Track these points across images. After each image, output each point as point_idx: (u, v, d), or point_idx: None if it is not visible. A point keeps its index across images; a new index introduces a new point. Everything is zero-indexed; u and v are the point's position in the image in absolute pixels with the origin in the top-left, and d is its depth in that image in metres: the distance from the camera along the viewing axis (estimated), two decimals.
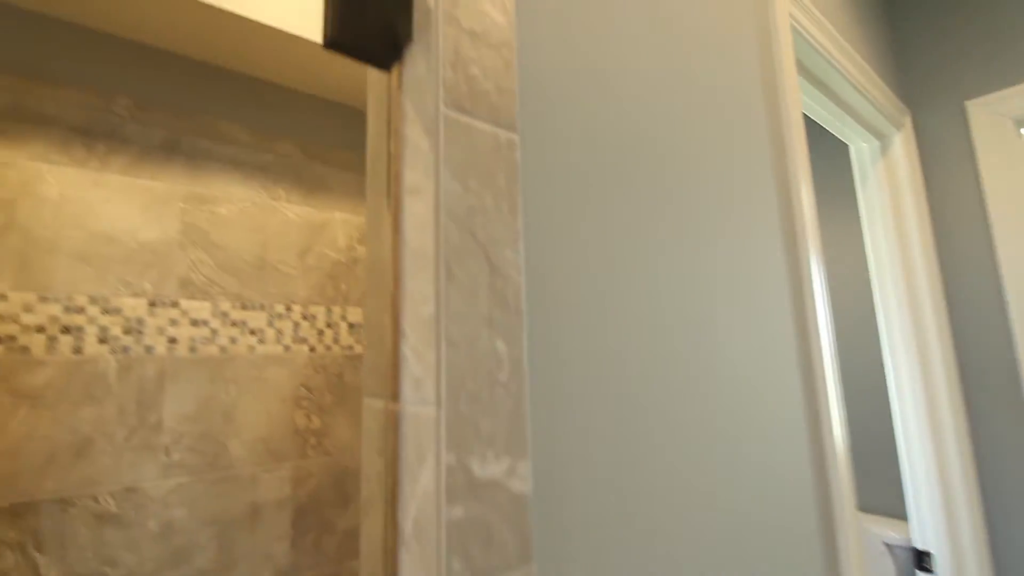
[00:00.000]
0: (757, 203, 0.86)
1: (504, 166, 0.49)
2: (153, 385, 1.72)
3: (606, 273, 0.57)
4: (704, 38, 0.82)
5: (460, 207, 0.45)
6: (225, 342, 1.86)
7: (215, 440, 1.84)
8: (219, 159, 1.90)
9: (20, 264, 1.54)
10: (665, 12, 0.75)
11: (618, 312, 0.58)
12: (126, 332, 1.68)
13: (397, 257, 0.48)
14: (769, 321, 0.83)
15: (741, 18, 0.94)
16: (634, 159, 0.64)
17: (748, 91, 0.91)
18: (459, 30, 0.48)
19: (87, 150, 1.65)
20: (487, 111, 0.49)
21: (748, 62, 0.93)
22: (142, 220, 1.73)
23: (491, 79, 0.50)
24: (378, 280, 0.50)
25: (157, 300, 1.74)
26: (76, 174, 1.62)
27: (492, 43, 0.50)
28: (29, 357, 1.53)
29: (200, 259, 1.83)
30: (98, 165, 1.66)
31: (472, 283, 0.45)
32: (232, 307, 1.89)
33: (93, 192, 1.65)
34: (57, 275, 1.58)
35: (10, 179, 1.54)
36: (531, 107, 0.54)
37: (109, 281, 1.66)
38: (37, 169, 1.57)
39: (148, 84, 1.75)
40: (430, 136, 0.46)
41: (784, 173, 0.98)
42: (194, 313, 1.80)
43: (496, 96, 0.50)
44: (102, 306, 1.65)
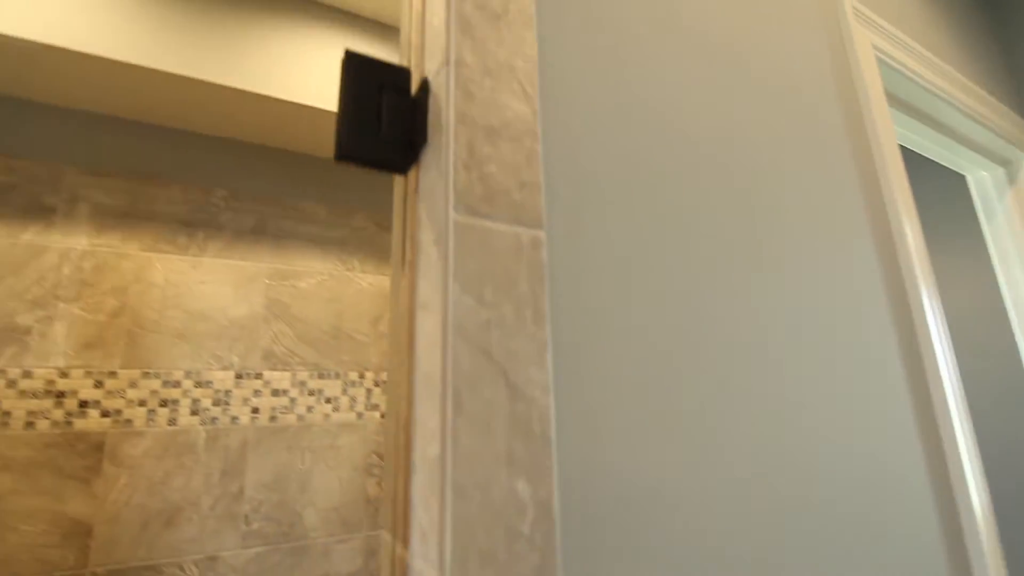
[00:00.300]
0: (846, 248, 0.73)
1: (527, 269, 0.44)
2: (236, 454, 1.80)
3: (660, 379, 0.49)
4: (770, 84, 0.74)
5: (472, 323, 0.40)
6: (302, 411, 1.93)
7: (291, 509, 1.87)
8: (300, 237, 2.04)
9: (129, 343, 1.71)
10: (724, 63, 0.68)
11: (678, 429, 0.48)
12: (215, 404, 1.79)
13: (410, 380, 0.43)
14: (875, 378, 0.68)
15: (814, 55, 0.84)
16: (691, 233, 0.56)
17: (826, 132, 0.80)
18: (473, 128, 0.44)
19: (189, 238, 1.83)
20: (507, 210, 0.44)
21: (824, 101, 0.83)
22: (233, 298, 1.88)
23: (511, 174, 0.45)
24: (394, 403, 0.45)
25: (243, 372, 1.84)
26: (179, 260, 1.81)
27: (513, 135, 0.46)
28: (131, 429, 1.67)
29: (282, 331, 1.94)
30: (197, 251, 1.84)
31: (486, 413, 0.38)
32: (310, 376, 1.96)
33: (192, 275, 1.83)
34: (159, 352, 1.74)
35: (125, 268, 1.74)
36: (562, 197, 0.49)
37: (202, 356, 1.80)
38: (147, 258, 1.77)
39: (240, 175, 1.94)
40: (439, 245, 0.42)
41: (881, 209, 0.84)
42: (275, 383, 1.89)
43: (518, 192, 0.45)
44: (195, 379, 1.77)
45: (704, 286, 0.55)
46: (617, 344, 0.47)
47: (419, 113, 0.48)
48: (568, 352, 0.45)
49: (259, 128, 1.89)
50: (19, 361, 1.57)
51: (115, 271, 1.72)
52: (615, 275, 0.49)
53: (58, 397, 1.60)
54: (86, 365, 1.64)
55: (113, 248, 1.73)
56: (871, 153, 0.89)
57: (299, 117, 1.83)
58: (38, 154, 1.67)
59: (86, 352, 1.65)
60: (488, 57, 0.47)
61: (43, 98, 1.68)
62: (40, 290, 1.63)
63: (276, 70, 1.71)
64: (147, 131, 1.82)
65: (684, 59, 0.64)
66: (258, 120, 1.83)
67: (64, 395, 1.60)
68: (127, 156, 1.78)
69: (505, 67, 0.48)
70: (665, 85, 0.60)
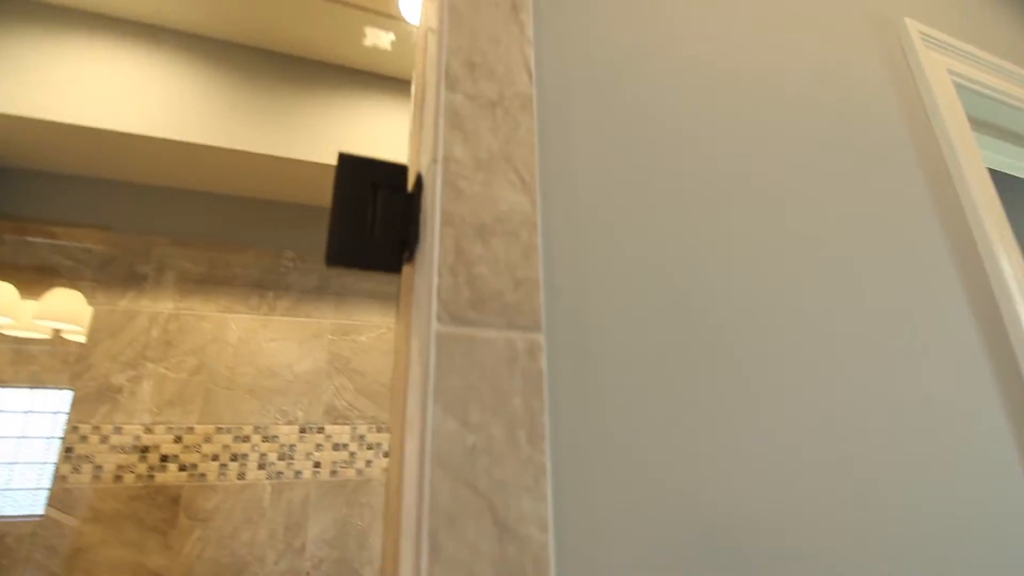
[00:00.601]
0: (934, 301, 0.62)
1: (522, 380, 0.39)
2: (299, 509, 1.84)
3: (686, 511, 0.41)
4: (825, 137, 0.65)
5: (454, 450, 0.36)
6: (361, 465, 1.94)
7: (350, 567, 1.86)
8: (360, 293, 2.12)
9: (205, 400, 1.82)
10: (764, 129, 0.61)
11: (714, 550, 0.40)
12: (280, 458, 1.85)
13: (396, 511, 0.39)
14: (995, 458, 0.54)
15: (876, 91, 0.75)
16: (724, 332, 0.49)
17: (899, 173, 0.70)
18: (462, 227, 0.41)
19: (260, 299, 1.96)
20: (499, 314, 0.40)
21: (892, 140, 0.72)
22: (298, 354, 1.96)
23: (505, 273, 0.41)
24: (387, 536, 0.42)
25: (306, 426, 1.90)
26: (251, 320, 1.93)
27: (508, 230, 0.43)
28: (205, 483, 1.75)
29: (343, 385, 1.99)
30: (267, 310, 1.96)
31: (469, 558, 0.34)
32: (368, 430, 1.99)
33: (262, 333, 1.94)
34: (231, 408, 1.84)
35: (204, 329, 1.87)
36: (565, 294, 0.44)
37: (270, 411, 1.88)
38: (224, 319, 1.90)
39: (306, 237, 2.06)
40: (421, 360, 0.38)
41: (971, 246, 0.71)
42: (336, 437, 1.93)
43: (512, 292, 0.41)
44: (263, 434, 1.85)
45: (741, 396, 0.47)
46: (633, 468, 0.41)
47: (413, 210, 0.46)
48: (572, 479, 0.39)
49: (322, 192, 2.01)
50: (111, 418, 1.71)
51: (195, 332, 1.86)
52: (630, 384, 0.43)
53: (143, 452, 1.72)
54: (167, 421, 1.77)
55: (194, 310, 1.88)
56: (955, 186, 0.77)
57: None
58: (133, 228, 1.87)
59: (168, 409, 1.78)
60: (481, 148, 0.44)
61: (138, 179, 1.90)
62: (132, 351, 1.79)
63: (334, 138, 1.83)
64: (225, 202, 2.00)
65: (717, 126, 0.58)
66: (321, 185, 1.95)
67: (148, 450, 1.73)
68: (207, 226, 1.95)
69: (500, 157, 0.45)
70: (697, 158, 0.55)
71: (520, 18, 0.51)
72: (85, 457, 1.66)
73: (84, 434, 1.68)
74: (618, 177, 0.49)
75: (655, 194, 0.50)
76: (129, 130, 1.61)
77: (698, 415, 0.44)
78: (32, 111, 1.55)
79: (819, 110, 0.67)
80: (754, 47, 0.66)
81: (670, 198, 0.51)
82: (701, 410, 0.45)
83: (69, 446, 1.66)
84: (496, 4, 0.50)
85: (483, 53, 0.48)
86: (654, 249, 0.48)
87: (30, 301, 1.86)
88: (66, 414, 1.70)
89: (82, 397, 1.71)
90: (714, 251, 0.51)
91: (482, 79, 0.47)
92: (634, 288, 0.46)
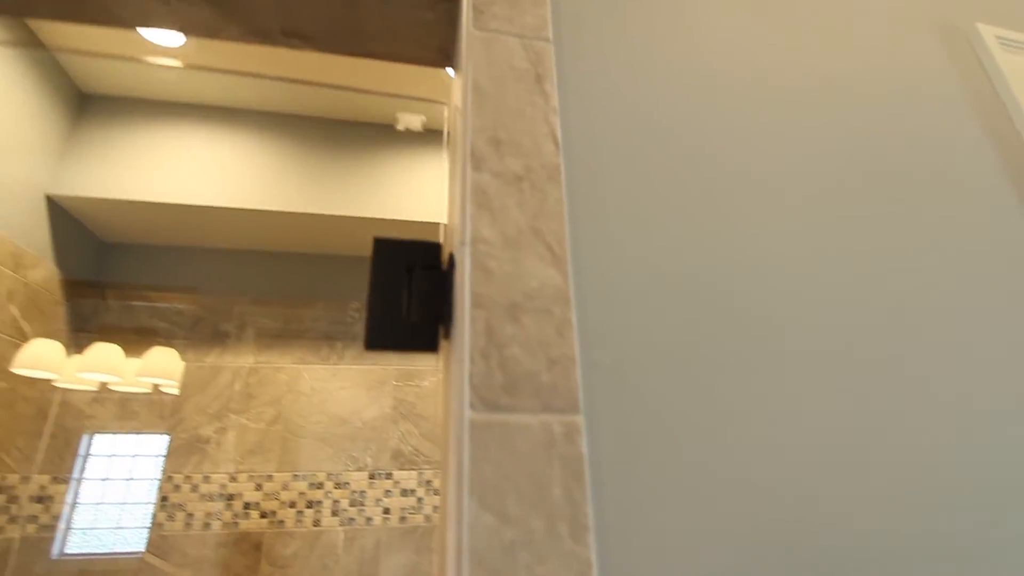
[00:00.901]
0: None
1: (561, 468, 0.38)
2: (371, 555, 1.86)
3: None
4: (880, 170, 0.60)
5: (492, 547, 0.34)
6: (429, 510, 1.95)
7: None
8: None
9: (282, 448, 1.91)
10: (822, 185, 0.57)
11: None
12: (352, 504, 1.90)
13: None
14: None
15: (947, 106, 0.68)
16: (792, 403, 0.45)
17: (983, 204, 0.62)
18: (492, 308, 0.41)
19: (330, 349, 2.06)
20: (533, 397, 0.39)
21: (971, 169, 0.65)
22: (366, 401, 2.03)
23: (539, 352, 0.40)
24: None
25: (375, 473, 1.95)
26: (322, 370, 2.03)
27: (540, 306, 0.42)
28: (283, 529, 1.83)
29: (408, 431, 2.03)
30: (336, 360, 2.05)
31: None
32: (434, 475, 2.00)
33: (332, 382, 2.02)
34: (305, 455, 1.92)
35: (280, 380, 1.99)
36: (604, 369, 0.42)
37: (341, 458, 1.94)
38: (297, 370, 2.01)
39: None
40: (456, 450, 0.38)
41: None
42: (404, 483, 1.96)
43: (547, 372, 0.40)
44: (335, 481, 1.91)
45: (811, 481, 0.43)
46: (689, 561, 0.37)
47: (447, 288, 0.47)
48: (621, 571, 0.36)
49: None
50: (200, 467, 1.84)
51: (273, 383, 1.98)
52: (682, 464, 0.40)
53: (229, 500, 1.82)
54: (249, 469, 1.87)
55: (272, 363, 2.00)
56: None
57: (416, 231, 2.00)
58: (217, 290, 2.04)
59: (250, 457, 1.88)
60: (509, 225, 0.44)
61: (221, 244, 2.08)
62: (218, 404, 1.93)
63: (389, 193, 1.92)
64: (295, 260, 2.14)
65: (768, 181, 0.55)
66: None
67: (233, 498, 1.83)
68: (281, 283, 2.09)
69: (528, 232, 0.44)
70: (742, 217, 0.52)
71: (544, 88, 0.51)
72: (178, 505, 1.78)
73: (177, 483, 1.81)
74: (656, 243, 0.48)
75: (696, 258, 0.48)
76: (211, 203, 1.78)
77: (760, 496, 0.40)
78: (131, 194, 1.75)
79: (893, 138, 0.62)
80: (808, 93, 0.62)
81: (711, 261, 0.48)
82: (763, 488, 0.41)
83: (164, 495, 1.79)
84: (519, 78, 0.51)
85: (508, 128, 0.48)
86: (698, 317, 0.46)
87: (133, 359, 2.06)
88: (163, 457, 1.84)
89: (175, 448, 1.85)
90: (766, 320, 0.48)
91: (508, 155, 0.47)
92: (678, 360, 0.44)
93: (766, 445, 0.42)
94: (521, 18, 0.54)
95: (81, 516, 1.78)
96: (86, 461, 1.85)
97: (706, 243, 0.49)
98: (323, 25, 0.62)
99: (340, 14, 0.61)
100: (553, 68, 0.52)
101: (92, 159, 1.78)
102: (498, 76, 0.50)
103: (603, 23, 0.58)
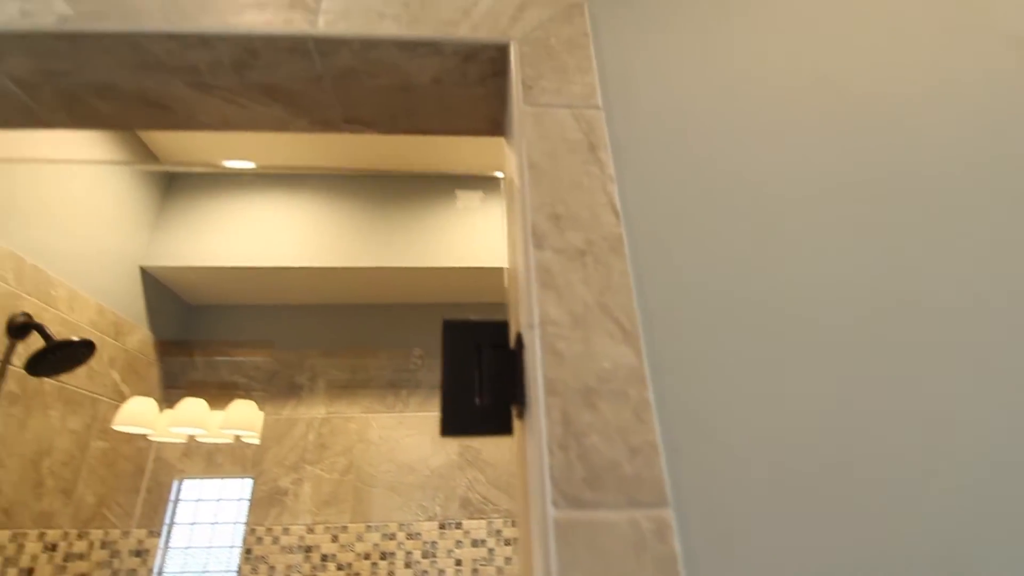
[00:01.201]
0: None
1: (654, 569, 0.35)
2: None
3: None
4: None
5: None
6: (501, 562, 1.90)
7: None
8: None
9: (355, 498, 1.95)
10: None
11: None
12: (424, 556, 1.89)
13: None
14: None
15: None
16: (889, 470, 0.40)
17: None
18: (566, 394, 0.40)
19: (395, 397, 2.10)
20: (618, 490, 0.37)
21: None
22: (431, 449, 2.04)
23: (618, 440, 0.39)
24: None
25: (445, 522, 1.93)
26: (388, 418, 2.06)
27: (615, 389, 0.40)
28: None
29: (475, 478, 2.01)
30: (401, 407, 2.08)
31: None
32: (504, 524, 1.96)
33: (399, 430, 2.05)
34: (377, 506, 1.94)
35: (350, 430, 2.04)
36: (690, 456, 0.40)
37: (411, 507, 1.95)
38: (366, 419, 2.06)
39: (430, 334, 2.20)
40: (542, 551, 0.36)
41: None
42: (474, 533, 1.93)
43: (629, 463, 0.38)
44: (407, 531, 1.91)
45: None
46: None
47: (515, 368, 0.46)
48: None
49: (440, 291, 2.15)
50: (280, 519, 1.90)
51: (344, 433, 2.04)
52: (785, 555, 0.36)
53: (307, 552, 1.86)
54: (325, 521, 1.91)
55: (341, 413, 2.06)
56: None
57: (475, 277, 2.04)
58: (290, 345, 2.15)
59: (325, 508, 1.93)
60: (575, 303, 0.43)
61: (292, 300, 2.20)
62: (294, 456, 2.00)
63: (449, 243, 1.97)
64: (359, 311, 2.22)
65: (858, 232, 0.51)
66: (438, 285, 2.10)
67: (311, 550, 1.87)
68: (347, 334, 2.17)
69: (596, 308, 0.43)
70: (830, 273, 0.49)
71: (599, 157, 0.51)
72: (261, 558, 1.84)
73: (260, 535, 1.88)
74: (735, 310, 0.45)
75: (782, 325, 0.45)
76: (281, 264, 1.89)
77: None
78: (213, 261, 1.90)
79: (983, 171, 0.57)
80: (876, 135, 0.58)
81: (798, 325, 0.45)
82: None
83: (248, 547, 1.86)
84: (573, 149, 0.51)
85: (566, 203, 0.48)
86: (789, 391, 0.42)
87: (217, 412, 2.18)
88: (248, 500, 1.92)
89: (257, 500, 1.93)
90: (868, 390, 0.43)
91: (568, 229, 0.47)
92: (772, 440, 0.40)
93: (892, 541, 0.38)
94: (569, 88, 0.55)
95: (172, 561, 1.87)
96: (176, 507, 1.96)
97: (789, 309, 0.46)
98: (381, 111, 0.66)
99: (396, 99, 0.64)
100: (606, 135, 0.52)
101: (178, 231, 1.95)
102: (552, 150, 0.51)
103: (651, 82, 0.57)
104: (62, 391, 1.55)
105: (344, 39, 0.56)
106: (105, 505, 1.73)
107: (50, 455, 1.51)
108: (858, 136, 0.56)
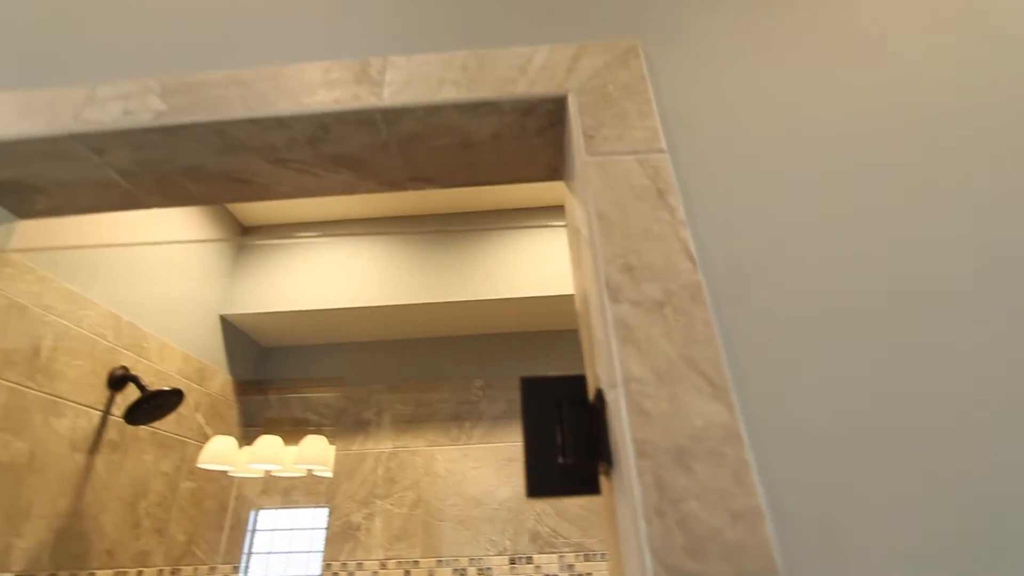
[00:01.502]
0: None
1: None
2: None
3: None
4: None
5: None
6: None
7: None
8: None
9: (425, 533, 1.96)
10: None
11: None
12: None
13: None
14: None
15: None
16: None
17: None
18: (657, 456, 0.38)
19: (459, 429, 2.11)
20: (722, 559, 0.35)
21: None
22: (497, 480, 2.03)
23: (718, 505, 0.37)
24: None
25: (515, 557, 1.90)
26: (453, 450, 2.08)
27: (709, 449, 0.39)
28: None
29: (543, 510, 1.98)
30: (465, 440, 2.09)
31: None
32: (576, 558, 1.91)
33: (464, 462, 2.06)
34: (446, 540, 1.94)
35: (417, 464, 2.07)
36: (800, 520, 0.37)
37: (480, 542, 1.94)
38: (431, 452, 2.08)
39: (490, 365, 2.21)
40: None
41: None
42: (545, 567, 1.89)
43: (731, 529, 0.36)
44: (477, 567, 1.90)
45: None
46: None
47: (599, 426, 0.45)
48: None
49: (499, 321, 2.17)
50: (354, 554, 1.94)
51: (410, 467, 2.06)
52: None
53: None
54: (397, 556, 1.93)
55: (408, 447, 2.10)
56: None
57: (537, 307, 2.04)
58: (358, 381, 2.22)
59: (396, 543, 1.95)
60: (659, 359, 0.42)
61: (358, 339, 2.28)
62: (364, 491, 2.04)
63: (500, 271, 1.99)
64: (421, 345, 2.27)
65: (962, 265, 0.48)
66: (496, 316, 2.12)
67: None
68: (410, 368, 2.22)
69: (681, 363, 0.42)
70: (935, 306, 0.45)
71: (669, 202, 0.50)
72: None
73: (335, 571, 1.92)
74: (835, 355, 0.42)
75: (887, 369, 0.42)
76: (347, 305, 1.97)
77: None
78: (285, 306, 2.01)
79: None
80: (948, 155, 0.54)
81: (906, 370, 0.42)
82: None
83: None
84: (641, 196, 0.50)
85: (638, 252, 0.47)
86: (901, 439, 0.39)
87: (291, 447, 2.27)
88: (324, 529, 1.97)
89: (331, 537, 1.98)
90: (1014, 457, 0.39)
91: (643, 280, 0.46)
92: (888, 495, 0.37)
93: None
94: (631, 134, 0.54)
95: None
96: (253, 536, 2.04)
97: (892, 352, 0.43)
98: (443, 168, 0.68)
99: (457, 156, 0.66)
100: (673, 178, 0.51)
101: (253, 280, 2.08)
102: (619, 199, 0.50)
103: (713, 118, 0.56)
104: (155, 435, 1.67)
105: (408, 108, 0.58)
106: (194, 542, 1.82)
107: (146, 497, 1.62)
108: (946, 150, 0.52)
